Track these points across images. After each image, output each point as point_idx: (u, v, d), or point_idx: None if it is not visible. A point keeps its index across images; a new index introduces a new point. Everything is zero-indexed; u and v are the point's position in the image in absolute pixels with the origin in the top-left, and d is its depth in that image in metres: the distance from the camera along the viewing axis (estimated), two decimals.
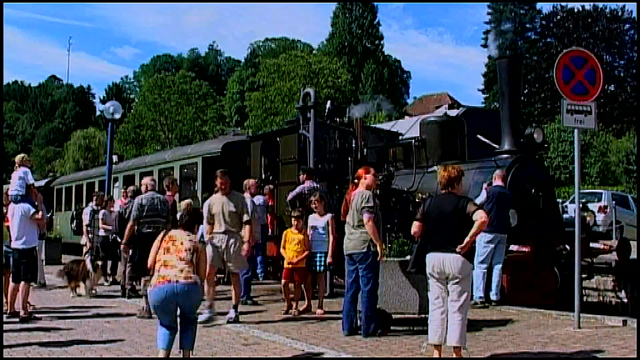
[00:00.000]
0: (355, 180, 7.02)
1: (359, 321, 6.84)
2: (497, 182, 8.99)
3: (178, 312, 5.36)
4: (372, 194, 6.89)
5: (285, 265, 8.50)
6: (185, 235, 5.46)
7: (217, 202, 7.85)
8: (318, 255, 8.44)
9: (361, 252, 6.69)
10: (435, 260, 5.54)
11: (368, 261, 6.69)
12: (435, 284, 5.60)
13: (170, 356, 5.38)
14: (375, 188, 7.20)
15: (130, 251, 8.89)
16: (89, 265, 10.41)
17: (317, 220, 8.55)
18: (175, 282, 5.06)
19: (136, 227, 8.59)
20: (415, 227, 5.80)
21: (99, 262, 10.53)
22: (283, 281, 8.51)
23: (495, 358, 5.80)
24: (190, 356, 5.55)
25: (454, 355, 5.49)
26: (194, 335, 5.46)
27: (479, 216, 5.44)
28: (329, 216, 8.52)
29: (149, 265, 5.39)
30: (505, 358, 5.81)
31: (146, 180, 9.22)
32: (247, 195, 9.48)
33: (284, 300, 8.63)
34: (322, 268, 8.47)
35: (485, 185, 9.13)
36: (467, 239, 5.45)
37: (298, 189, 10.25)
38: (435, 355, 5.55)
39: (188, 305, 5.25)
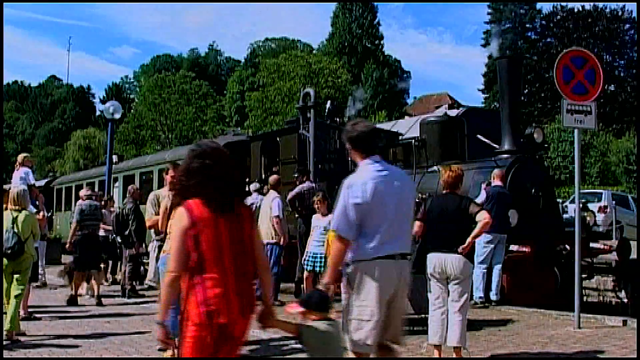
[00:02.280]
0: None
1: None
2: (496, 181, 9.00)
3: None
4: None
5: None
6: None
7: None
8: (319, 255, 8.43)
9: None
10: (436, 261, 5.53)
11: None
12: (435, 284, 5.60)
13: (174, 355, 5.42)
14: None
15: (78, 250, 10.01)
16: None
17: (319, 221, 8.54)
18: None
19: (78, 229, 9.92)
20: (416, 226, 5.79)
21: (102, 265, 10.57)
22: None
23: (495, 358, 5.81)
24: None
25: (454, 355, 5.49)
26: None
27: (482, 217, 5.45)
28: (331, 216, 8.51)
29: (160, 229, 5.91)
30: (505, 358, 5.82)
31: (83, 191, 10.86)
32: (274, 193, 9.35)
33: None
34: (323, 269, 8.47)
35: (484, 186, 9.13)
36: (469, 239, 5.46)
37: (297, 189, 10.26)
38: (436, 355, 5.56)
39: None
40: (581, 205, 8.95)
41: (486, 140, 10.78)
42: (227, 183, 3.16)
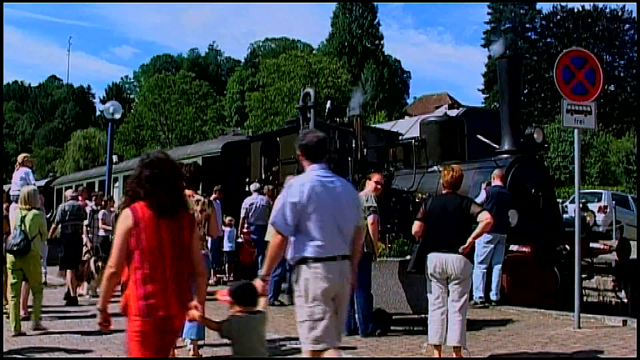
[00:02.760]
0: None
1: (357, 322, 6.84)
2: (496, 182, 9.00)
3: None
4: (373, 195, 6.93)
5: None
6: (195, 204, 5.74)
7: None
8: None
9: None
10: (437, 261, 5.52)
11: (362, 263, 6.69)
12: (436, 284, 5.60)
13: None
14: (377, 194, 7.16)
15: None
16: (92, 267, 10.46)
17: None
18: None
19: (60, 229, 10.15)
20: (416, 226, 5.78)
21: (100, 264, 10.55)
22: None
23: (495, 358, 5.81)
24: (198, 348, 5.64)
25: (454, 355, 5.49)
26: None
27: (484, 217, 5.47)
28: None
29: None
30: (505, 358, 5.82)
31: (69, 192, 11.29)
32: None
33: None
34: None
35: (484, 186, 9.13)
36: (469, 240, 5.48)
37: None
38: (436, 355, 5.56)
39: None
40: (581, 205, 8.96)
41: (486, 140, 10.78)
42: (171, 190, 3.50)
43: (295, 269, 4.02)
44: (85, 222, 12.51)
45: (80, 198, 11.47)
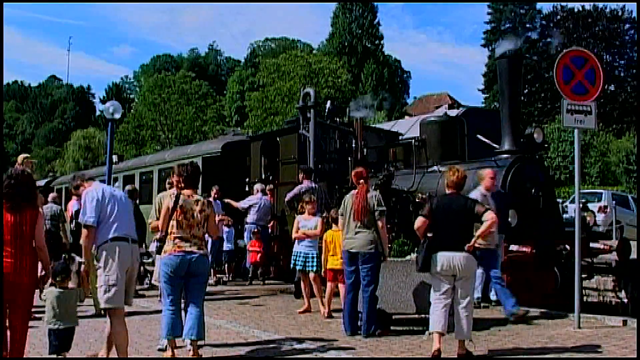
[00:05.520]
0: (361, 181, 7.00)
1: (359, 321, 6.84)
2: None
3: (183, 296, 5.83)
4: (380, 197, 7.00)
5: (335, 267, 7.96)
6: (195, 204, 5.79)
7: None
8: (310, 256, 8.44)
9: (368, 252, 6.74)
10: (444, 260, 5.69)
11: (374, 261, 6.73)
12: (442, 281, 5.75)
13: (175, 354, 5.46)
14: (378, 188, 7.21)
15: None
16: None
17: (306, 221, 8.54)
18: (189, 252, 5.72)
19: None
20: (419, 222, 5.88)
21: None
22: (334, 284, 8.07)
23: (495, 358, 5.81)
24: (197, 348, 5.65)
25: (458, 347, 5.64)
26: (202, 323, 5.69)
27: (489, 217, 5.67)
28: (318, 218, 8.55)
29: (160, 229, 5.98)
30: (505, 358, 5.82)
31: (51, 195, 11.86)
32: (482, 190, 8.20)
33: (323, 304, 8.30)
34: (315, 268, 8.44)
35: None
36: (474, 238, 5.70)
37: (296, 190, 10.27)
38: (436, 343, 5.63)
39: (199, 272, 5.80)
40: (581, 205, 8.93)
41: (486, 140, 10.76)
42: (21, 193, 5.05)
43: (99, 249, 5.28)
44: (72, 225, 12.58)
45: (76, 198, 11.52)
